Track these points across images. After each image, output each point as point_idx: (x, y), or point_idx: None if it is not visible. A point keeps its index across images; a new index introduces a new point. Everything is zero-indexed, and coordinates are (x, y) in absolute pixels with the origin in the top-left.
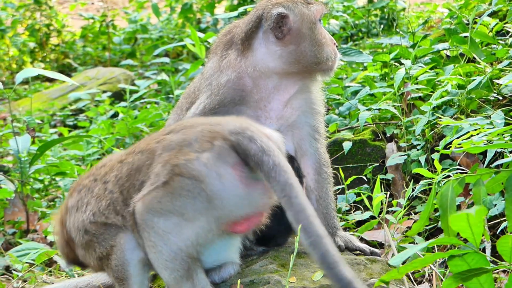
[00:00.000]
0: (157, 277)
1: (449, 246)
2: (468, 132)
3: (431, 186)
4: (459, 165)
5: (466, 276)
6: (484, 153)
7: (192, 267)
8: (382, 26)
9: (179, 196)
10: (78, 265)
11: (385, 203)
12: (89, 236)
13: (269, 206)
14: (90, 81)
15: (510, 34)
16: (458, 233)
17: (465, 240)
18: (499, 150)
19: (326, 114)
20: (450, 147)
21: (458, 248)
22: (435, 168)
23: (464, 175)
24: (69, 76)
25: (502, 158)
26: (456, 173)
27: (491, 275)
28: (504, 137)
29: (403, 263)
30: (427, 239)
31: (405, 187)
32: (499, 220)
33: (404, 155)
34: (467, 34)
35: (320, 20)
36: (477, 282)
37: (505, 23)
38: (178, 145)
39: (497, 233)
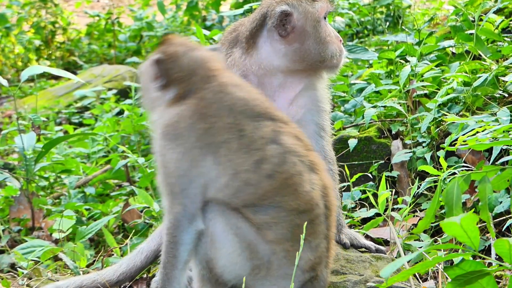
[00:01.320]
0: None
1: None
2: (474, 129)
3: (436, 184)
4: (464, 162)
5: (468, 278)
6: (489, 150)
7: None
8: (387, 23)
9: None
10: None
11: (391, 200)
12: None
13: None
14: (96, 79)
15: None
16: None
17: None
18: (504, 147)
19: (332, 112)
20: (456, 144)
21: (454, 251)
22: (440, 165)
23: (470, 172)
24: (75, 73)
25: (508, 155)
26: (462, 170)
27: (493, 278)
28: (509, 134)
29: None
30: (432, 236)
31: (410, 185)
32: (504, 217)
33: (409, 152)
34: (473, 31)
35: (325, 18)
36: (479, 285)
37: (511, 20)
38: None
39: (503, 230)
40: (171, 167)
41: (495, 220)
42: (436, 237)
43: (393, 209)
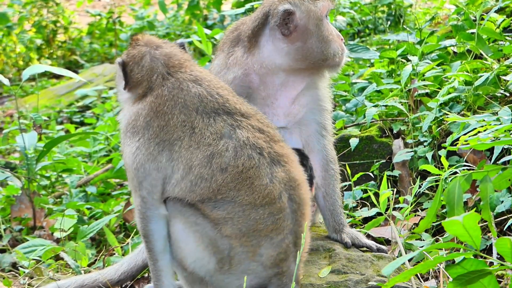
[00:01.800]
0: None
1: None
2: (475, 128)
3: (438, 183)
4: (466, 161)
5: (469, 278)
6: (491, 150)
7: None
8: (389, 22)
9: None
10: None
11: (392, 199)
12: None
13: None
14: (97, 78)
15: None
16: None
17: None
18: (506, 146)
19: (333, 111)
20: (457, 143)
21: (456, 251)
22: (442, 164)
23: (471, 171)
24: (76, 72)
25: (509, 154)
26: (463, 169)
27: (494, 277)
28: (511, 134)
29: (409, 260)
30: (433, 235)
31: (412, 184)
32: (506, 216)
33: (411, 151)
34: (474, 30)
35: (326, 16)
36: (481, 284)
37: None
38: None
39: (504, 229)
40: (129, 162)
41: (497, 220)
42: (437, 237)
43: (394, 209)
